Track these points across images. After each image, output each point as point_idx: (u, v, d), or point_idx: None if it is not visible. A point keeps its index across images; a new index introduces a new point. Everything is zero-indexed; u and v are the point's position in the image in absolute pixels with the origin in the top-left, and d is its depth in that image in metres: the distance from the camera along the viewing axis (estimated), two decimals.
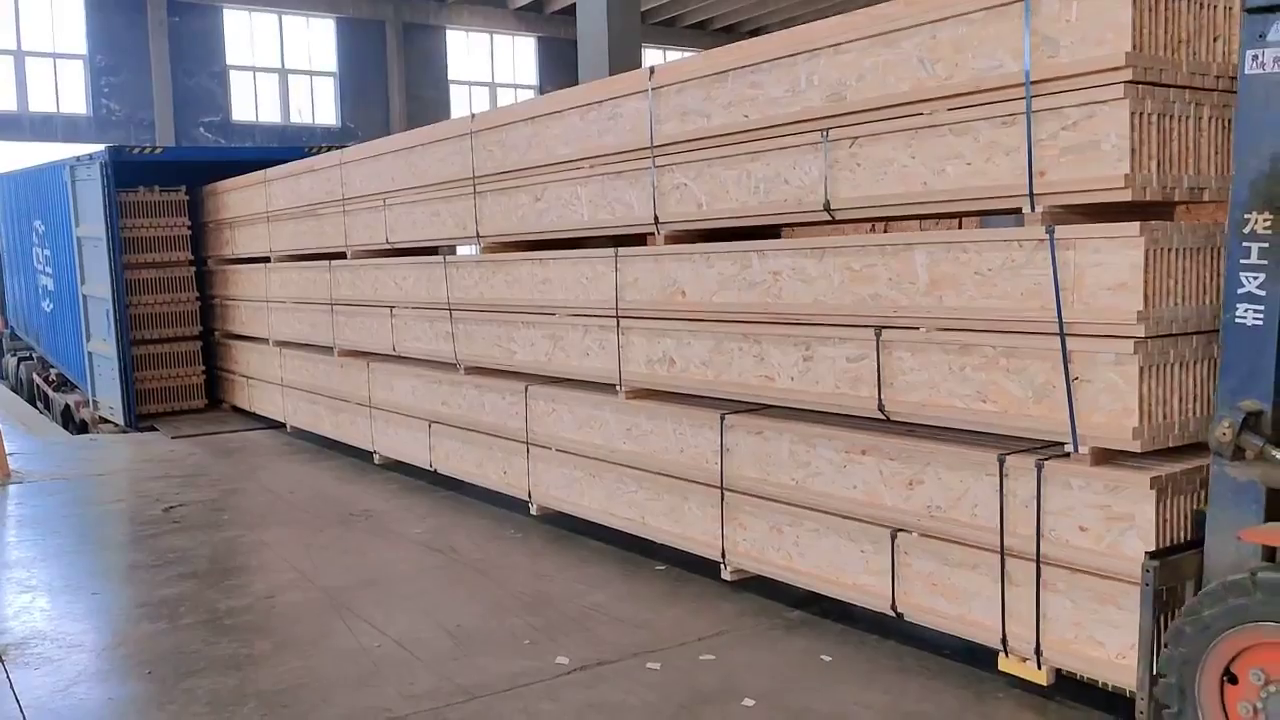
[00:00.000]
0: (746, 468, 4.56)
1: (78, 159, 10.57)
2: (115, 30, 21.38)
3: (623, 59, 10.22)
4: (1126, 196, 3.24)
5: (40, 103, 21.03)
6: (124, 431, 10.20)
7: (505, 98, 26.63)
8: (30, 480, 7.90)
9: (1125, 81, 3.19)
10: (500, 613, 4.68)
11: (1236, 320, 2.99)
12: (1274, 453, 2.90)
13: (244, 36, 23.09)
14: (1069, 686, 3.60)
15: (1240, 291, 2.97)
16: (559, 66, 25.79)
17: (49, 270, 12.20)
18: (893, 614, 4.05)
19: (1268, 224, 2.90)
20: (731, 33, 28.34)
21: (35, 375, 14.27)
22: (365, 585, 5.13)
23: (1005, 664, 3.72)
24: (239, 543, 6.07)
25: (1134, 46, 3.19)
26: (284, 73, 23.64)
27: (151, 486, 7.52)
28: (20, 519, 6.88)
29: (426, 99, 24.49)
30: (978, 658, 3.87)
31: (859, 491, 4.11)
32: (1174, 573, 3.11)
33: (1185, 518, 3.29)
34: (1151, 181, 3.27)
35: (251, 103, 23.25)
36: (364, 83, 24.39)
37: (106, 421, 10.81)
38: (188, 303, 10.70)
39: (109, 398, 10.52)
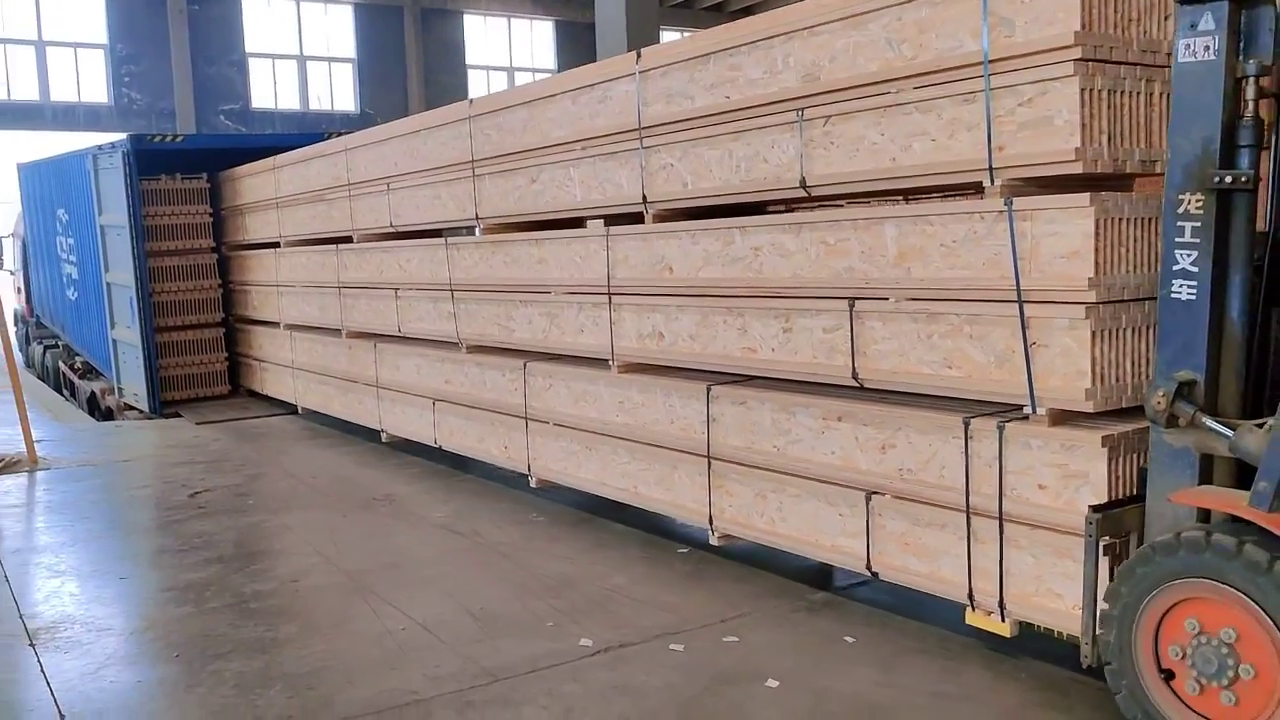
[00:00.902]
0: (732, 437, 4.80)
1: (100, 148, 10.75)
2: (136, 19, 21.83)
3: (641, 42, 10.06)
4: (1078, 169, 3.45)
5: (62, 92, 21.49)
6: (148, 418, 10.39)
7: (523, 82, 27.07)
8: (57, 466, 8.07)
9: (1075, 60, 3.40)
10: (523, 595, 4.77)
11: (1172, 295, 3.20)
12: (1205, 420, 3.11)
13: (263, 24, 23.46)
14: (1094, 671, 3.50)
15: (1175, 268, 3.18)
16: (577, 49, 25.99)
17: (73, 259, 12.40)
18: (868, 573, 4.29)
19: (1199, 204, 3.11)
20: (748, 13, 28.37)
21: (61, 363, 14.49)
22: (388, 568, 5.23)
23: (971, 618, 3.95)
24: (263, 527, 6.20)
25: (1083, 26, 3.40)
26: (303, 59, 24.05)
27: (176, 472, 7.69)
28: (48, 505, 7.08)
29: (445, 84, 24.76)
30: (1000, 642, 3.93)
31: (836, 457, 4.35)
32: (1116, 525, 3.33)
33: (1135, 474, 3.50)
34: (1103, 155, 3.48)
35: (271, 90, 23.67)
36: (382, 68, 24.70)
37: (131, 408, 11.01)
38: (210, 290, 10.85)
39: (134, 384, 10.71)
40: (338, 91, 24.54)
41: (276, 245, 9.49)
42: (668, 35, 26.49)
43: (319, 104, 24.30)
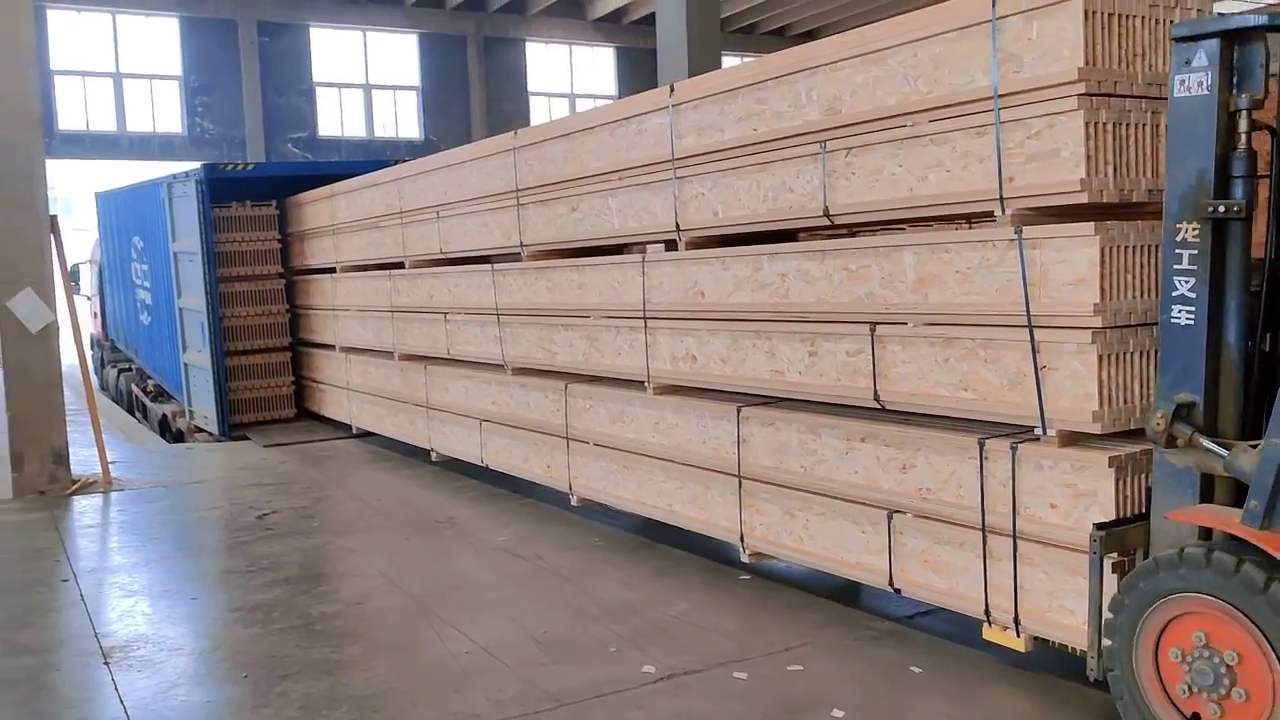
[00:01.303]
0: (761, 457, 4.99)
1: (174, 176, 11.02)
2: (209, 52, 22.59)
3: (702, 68, 10.03)
4: (1083, 199, 3.60)
5: (138, 123, 22.25)
6: (218, 440, 10.60)
7: (584, 108, 27.52)
8: (130, 487, 8.27)
9: (1079, 94, 3.55)
10: (585, 620, 4.82)
11: (1171, 320, 3.34)
12: (1203, 441, 3.24)
13: (330, 54, 24.11)
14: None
15: (1174, 294, 3.32)
16: (638, 75, 26.28)
17: (147, 284, 12.68)
18: (891, 589, 4.44)
19: (1195, 233, 3.25)
20: (810, 38, 28.62)
21: (134, 386, 14.84)
22: (451, 591, 5.31)
23: (988, 633, 4.08)
24: (329, 549, 6.33)
25: (1087, 62, 3.56)
26: (368, 88, 24.66)
27: (245, 494, 7.88)
28: (122, 525, 7.29)
29: (506, 111, 25.25)
30: (1063, 670, 3.98)
31: (859, 476, 4.51)
32: (1120, 542, 3.46)
33: (1142, 493, 3.63)
34: (1109, 185, 3.62)
35: (337, 118, 24.31)
36: (446, 96, 25.25)
37: (201, 430, 11.20)
38: (278, 315, 11.01)
39: (204, 407, 10.90)
40: (402, 119, 25.13)
41: (333, 271, 9.86)
42: (729, 60, 26.64)
43: (384, 131, 24.89)
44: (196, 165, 10.77)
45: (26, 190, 7.89)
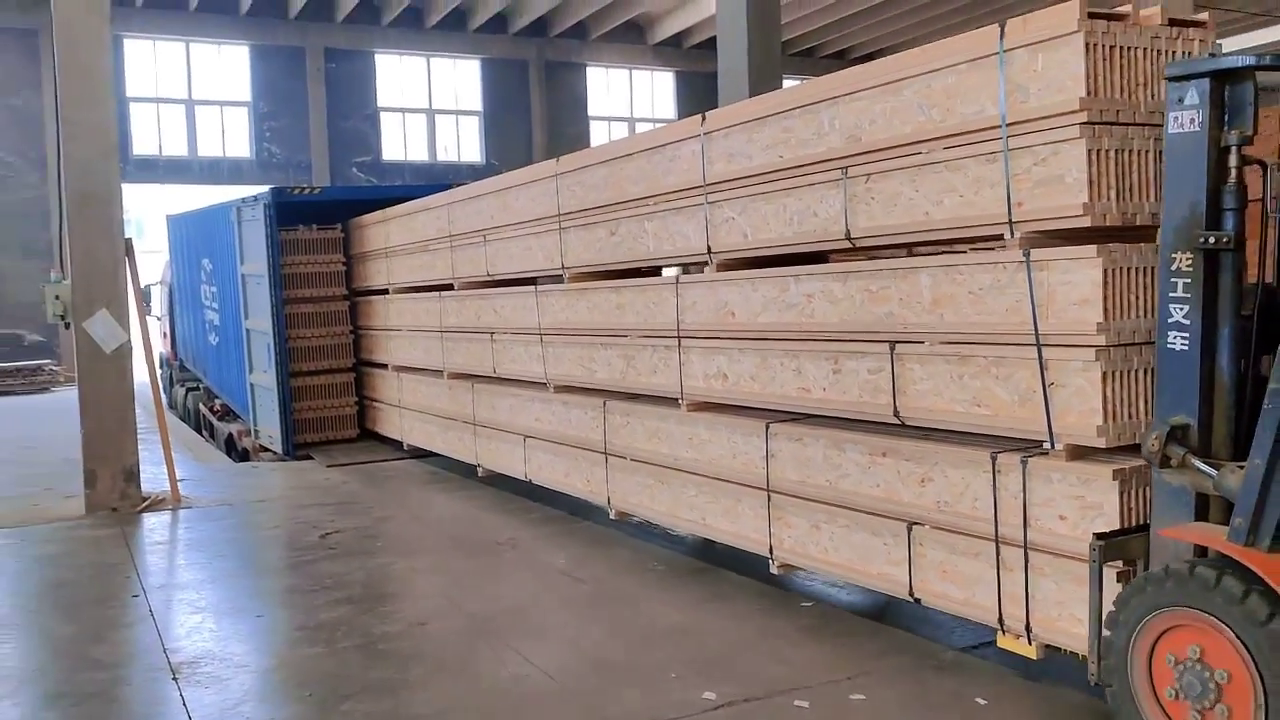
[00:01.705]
0: (789, 471, 5.18)
1: (243, 200, 11.23)
2: (277, 79, 23.53)
3: (763, 91, 9.82)
4: (1087, 222, 3.76)
5: (208, 148, 23.30)
6: (282, 460, 10.73)
7: (644, 131, 27.99)
8: (198, 505, 8.46)
9: (1081, 123, 3.73)
10: (644, 645, 4.86)
11: (1167, 346, 3.50)
12: (1194, 461, 3.39)
13: (394, 79, 24.93)
14: None
15: (1170, 321, 3.48)
16: (698, 99, 26.61)
17: (215, 306, 12.94)
18: (911, 599, 4.60)
19: (1189, 263, 3.41)
20: (870, 60, 28.75)
21: (201, 405, 15.18)
22: (511, 613, 5.38)
23: (1002, 641, 4.23)
24: (391, 569, 6.43)
25: (1088, 92, 3.73)
26: (431, 113, 25.46)
27: (308, 513, 7.99)
28: (189, 542, 7.49)
29: (567, 135, 25.81)
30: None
31: (880, 490, 4.68)
32: (1121, 552, 3.61)
33: (1146, 505, 3.77)
34: (1111, 209, 3.79)
35: (401, 142, 25.15)
36: (507, 120, 25.91)
37: (266, 450, 11.39)
38: (342, 336, 11.13)
39: (269, 427, 11.05)
40: (464, 143, 25.87)
41: (385, 292, 10.23)
42: (790, 84, 26.79)
43: (446, 155, 25.68)
44: (264, 189, 11.02)
45: (104, 215, 8.10)
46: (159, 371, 15.63)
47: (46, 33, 19.66)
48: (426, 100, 25.34)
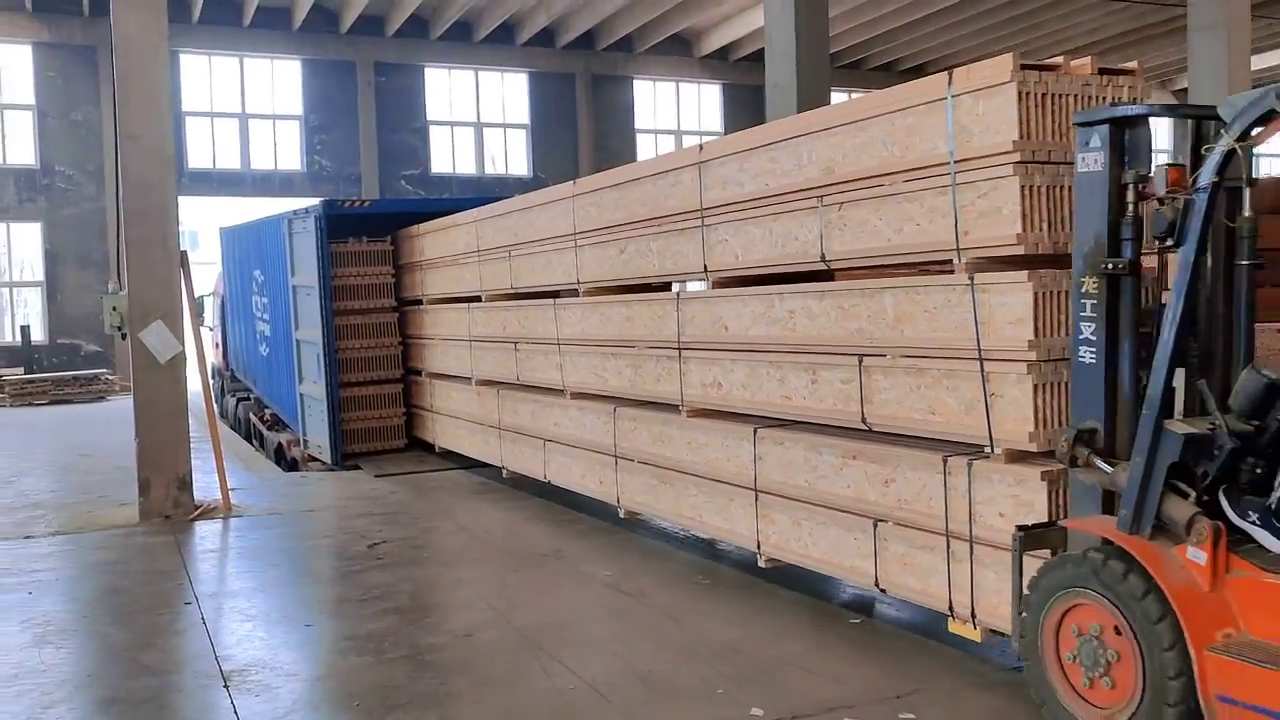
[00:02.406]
0: (774, 473, 5.74)
1: (295, 213, 11.44)
2: (328, 92, 24.31)
3: (811, 104, 10.18)
4: (1021, 251, 4.30)
5: (261, 161, 24.13)
6: (330, 469, 10.93)
7: (690, 144, 28.47)
8: (248, 514, 8.67)
9: (1014, 162, 4.27)
10: (690, 659, 4.92)
11: (1079, 359, 4.02)
12: (1098, 462, 3.91)
13: (443, 93, 25.59)
14: None
15: (1080, 337, 4.00)
16: (745, 112, 27.19)
17: (266, 317, 13.24)
18: (877, 590, 5.15)
19: (1095, 286, 3.93)
20: (919, 73, 29.16)
21: (252, 415, 15.58)
22: (557, 626, 5.47)
23: (952, 626, 4.76)
24: (438, 580, 6.61)
25: (1021, 135, 4.27)
26: (479, 126, 26.05)
27: (356, 523, 8.16)
28: (240, 551, 7.72)
29: (613, 148, 26.35)
30: None
31: (851, 489, 5.23)
32: (1038, 543, 4.13)
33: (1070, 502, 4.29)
34: (1043, 239, 4.32)
35: (449, 155, 25.78)
36: (554, 133, 26.46)
37: (315, 460, 11.58)
38: (390, 347, 11.35)
39: (318, 437, 11.27)
40: (512, 156, 26.48)
41: (420, 303, 10.95)
42: (838, 97, 27.23)
43: (494, 168, 26.30)
44: (315, 201, 11.29)
45: (160, 227, 8.30)
46: (211, 381, 15.60)
47: (106, 49, 20.52)
48: (474, 113, 26.03)
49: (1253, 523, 3.62)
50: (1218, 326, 3.98)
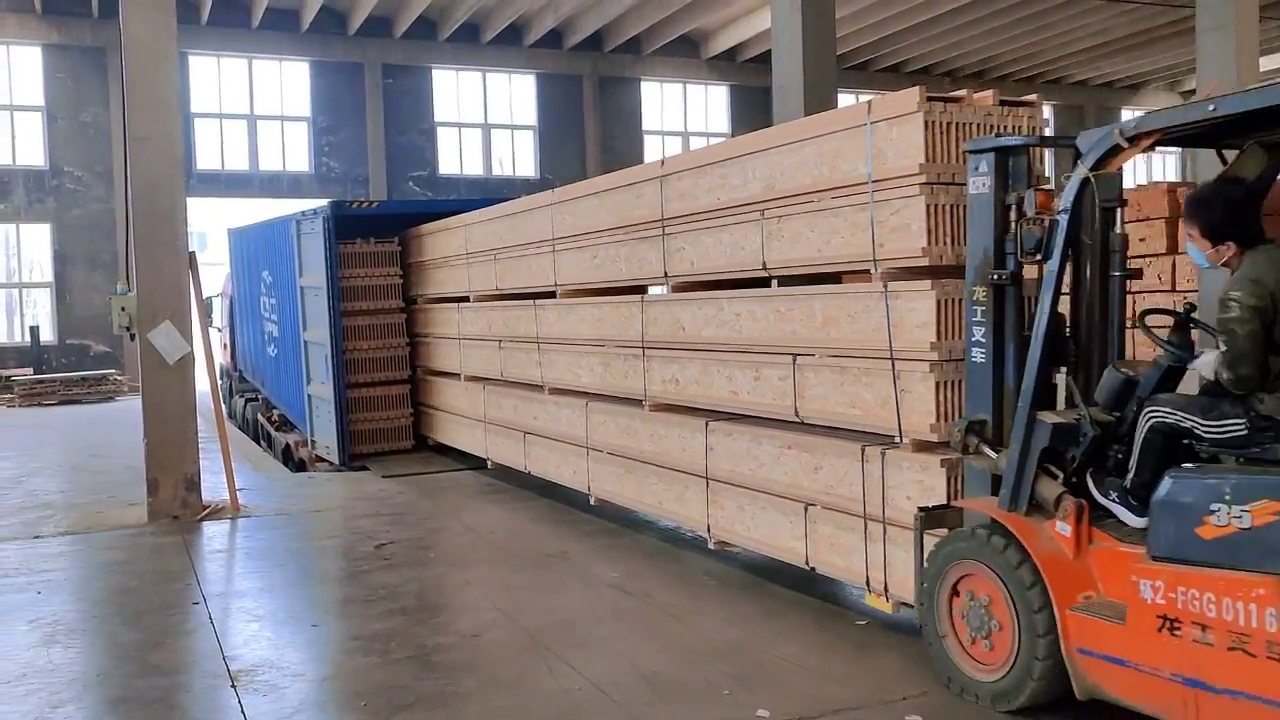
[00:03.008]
0: (722, 462, 6.41)
1: (303, 214, 11.69)
2: (336, 94, 24.97)
3: (818, 106, 10.50)
4: (926, 262, 4.95)
5: (269, 162, 24.84)
6: (338, 470, 11.18)
7: (697, 146, 28.98)
8: (256, 514, 8.85)
9: (920, 184, 4.92)
10: (695, 660, 5.05)
11: (971, 359, 4.68)
12: (986, 449, 4.57)
13: (450, 94, 26.22)
14: None
15: (972, 340, 4.66)
16: (752, 113, 27.66)
17: (274, 318, 13.52)
18: (807, 568, 5.81)
19: (983, 295, 4.59)
20: (927, 74, 29.77)
21: (260, 415, 15.78)
22: (563, 626, 5.60)
23: (868, 599, 5.42)
24: (444, 581, 6.73)
25: (927, 159, 4.92)
26: (487, 127, 26.69)
27: (363, 524, 8.35)
28: (248, 551, 7.87)
29: (620, 149, 26.95)
30: None
31: (787, 477, 5.90)
32: (936, 521, 4.77)
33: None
34: (946, 252, 4.97)
35: (457, 156, 26.41)
36: (561, 135, 27.11)
37: (322, 460, 11.82)
38: (398, 348, 11.63)
39: (325, 438, 11.52)
40: (519, 157, 27.14)
41: (415, 302, 11.67)
42: (845, 98, 27.61)
43: (501, 169, 26.96)
44: (323, 202, 11.53)
45: (169, 228, 8.48)
46: (219, 382, 15.63)
47: (115, 51, 21.28)
48: (482, 115, 26.72)
49: (1113, 500, 4.26)
50: (1095, 330, 4.64)
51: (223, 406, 10.62)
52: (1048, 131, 5.47)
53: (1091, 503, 4.29)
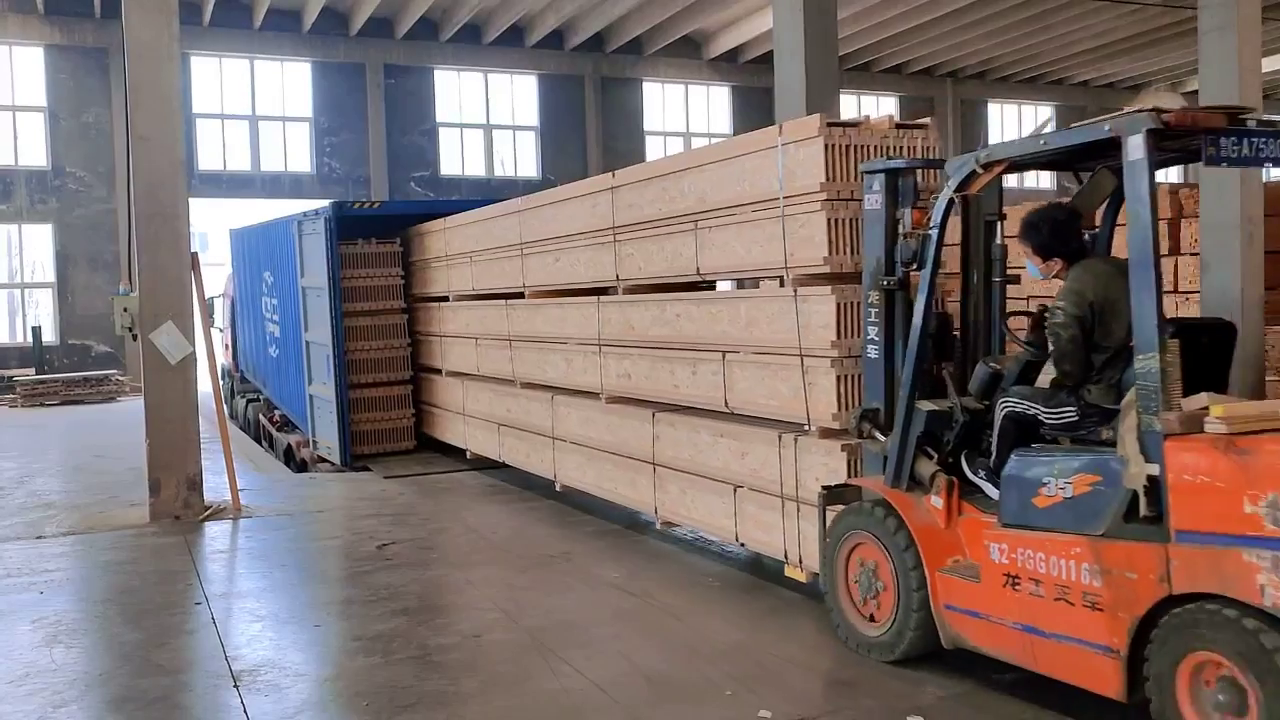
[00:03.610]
0: (667, 450, 7.28)
1: (304, 214, 12.04)
2: (337, 94, 25.74)
3: (819, 106, 10.75)
4: (827, 270, 5.82)
5: (270, 163, 25.45)
6: (340, 470, 11.49)
7: (699, 145, 29.69)
8: (258, 515, 9.11)
9: (821, 200, 5.78)
10: (697, 660, 5.23)
11: (866, 355, 5.53)
12: (876, 434, 5.42)
13: (452, 95, 27.01)
14: None
15: (868, 338, 5.50)
16: (753, 113, 28.36)
17: (276, 318, 13.92)
18: (738, 544, 6.68)
19: (876, 299, 5.44)
20: (929, 75, 30.53)
21: (261, 416, 16.22)
22: (565, 627, 5.80)
23: (788, 570, 6.29)
24: (446, 581, 6.97)
25: (827, 178, 5.77)
26: (488, 128, 27.47)
27: (365, 524, 8.60)
28: (250, 551, 8.11)
29: (622, 150, 27.68)
30: None
31: (720, 462, 6.77)
32: (837, 499, 5.61)
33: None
34: (846, 261, 5.83)
35: (458, 157, 27.16)
36: (563, 135, 27.91)
37: (324, 461, 12.16)
38: (400, 348, 12.05)
39: (327, 438, 11.87)
40: (521, 158, 27.97)
41: (417, 300, 12.50)
42: (847, 100, 28.32)
43: (503, 170, 27.76)
44: (325, 203, 11.84)
45: (171, 229, 8.73)
46: (220, 383, 15.90)
47: (117, 51, 21.70)
48: (484, 115, 27.59)
49: (980, 478, 5.10)
50: (980, 328, 5.52)
51: (224, 407, 10.88)
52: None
53: (963, 480, 5.13)
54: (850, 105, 29.70)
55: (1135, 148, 4.15)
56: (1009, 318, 5.42)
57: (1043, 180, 30.00)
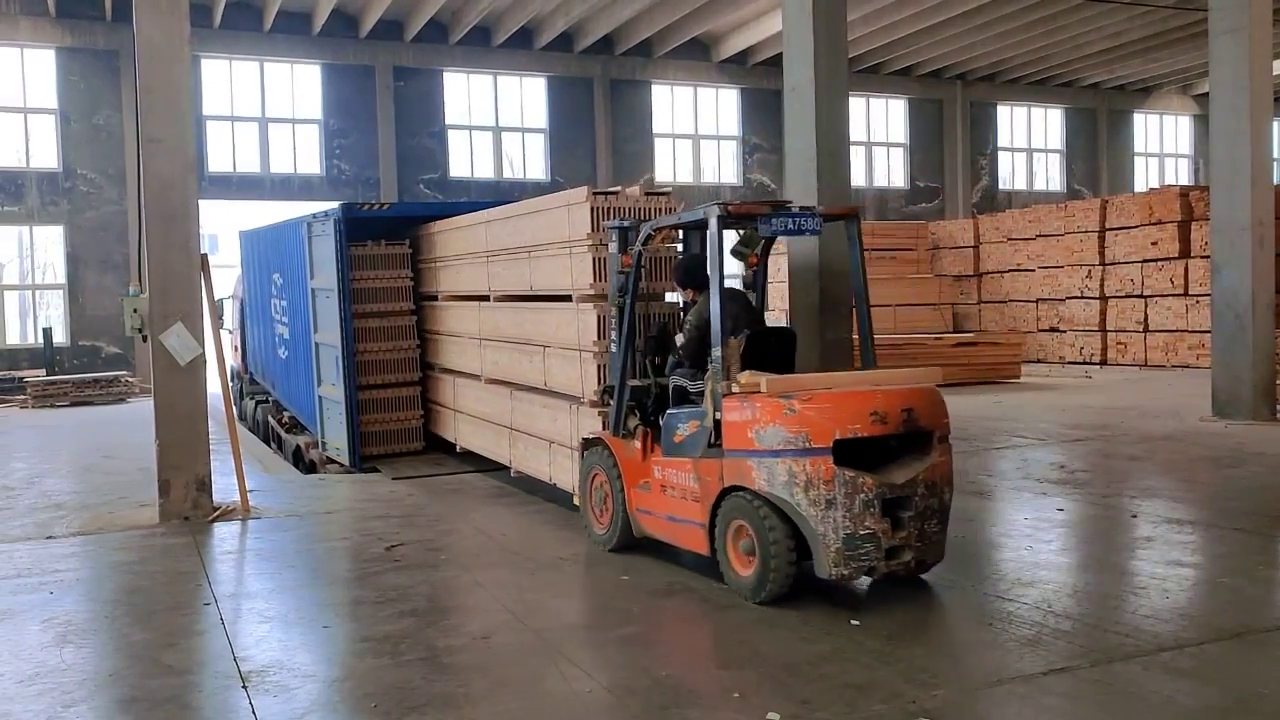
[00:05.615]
0: (519, 418, 11.62)
1: (314, 216, 13.27)
2: (347, 96, 28.95)
3: (829, 109, 12.32)
4: (593, 293, 10.11)
5: (280, 164, 28.68)
6: (348, 472, 12.82)
7: (708, 149, 33.21)
8: (267, 516, 10.00)
9: (589, 245, 10.06)
10: (706, 664, 5.73)
11: (610, 350, 9.77)
12: (609, 401, 9.69)
13: (461, 97, 30.48)
14: None
15: (611, 337, 9.59)
16: (763, 116, 32.09)
17: (285, 320, 15.22)
18: (549, 482, 11.05)
19: (614, 312, 9.55)
20: (938, 77, 34.18)
21: (270, 417, 17.78)
22: (574, 629, 6.34)
23: (575, 499, 10.62)
24: (455, 582, 7.58)
25: (593, 230, 10.05)
26: (498, 130, 30.93)
27: (374, 525, 9.49)
28: (259, 552, 8.88)
29: (631, 152, 31.37)
30: None
31: (543, 425, 11.06)
32: (591, 445, 9.80)
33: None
34: (605, 287, 10.18)
35: (467, 159, 30.52)
36: (572, 137, 31.38)
37: (333, 462, 13.44)
38: (409, 350, 13.57)
39: (336, 439, 13.14)
40: (530, 160, 31.42)
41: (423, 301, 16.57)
42: (856, 102, 31.72)
43: (512, 172, 31.21)
44: (334, 205, 13.08)
45: (181, 230, 9.61)
46: (230, 384, 15.14)
47: (128, 53, 25.16)
48: (493, 118, 31.05)
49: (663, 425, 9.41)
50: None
51: (233, 408, 11.80)
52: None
53: (656, 430, 9.42)
54: (859, 107, 33.51)
55: (713, 225, 8.40)
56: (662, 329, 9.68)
57: (1052, 183, 33.85)
